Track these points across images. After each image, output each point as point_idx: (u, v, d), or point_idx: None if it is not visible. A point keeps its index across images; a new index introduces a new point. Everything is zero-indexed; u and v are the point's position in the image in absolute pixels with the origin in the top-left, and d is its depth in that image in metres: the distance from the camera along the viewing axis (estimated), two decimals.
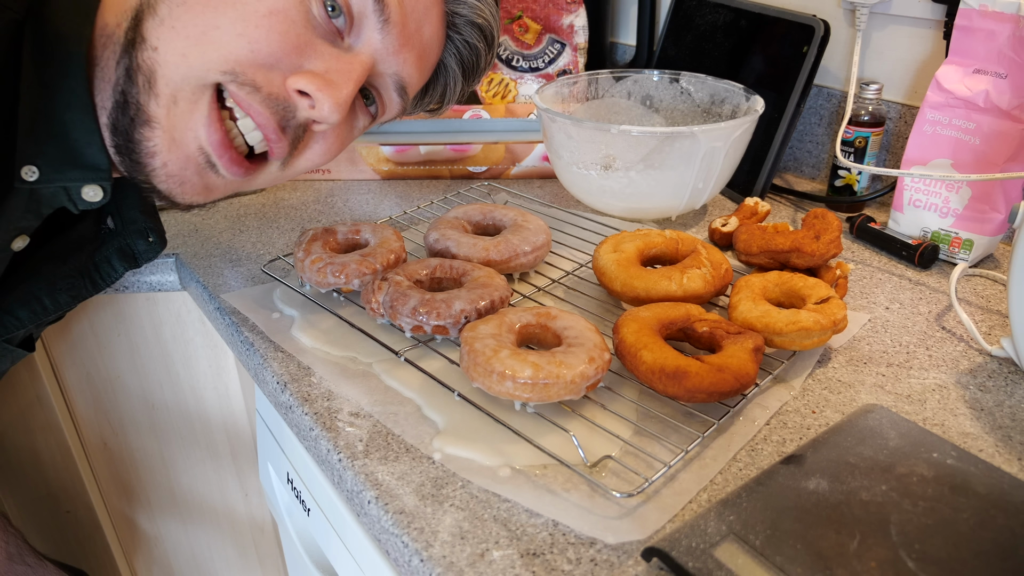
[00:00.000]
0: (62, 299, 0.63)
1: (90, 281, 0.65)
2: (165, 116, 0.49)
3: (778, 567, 0.40)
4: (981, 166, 0.74)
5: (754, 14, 0.96)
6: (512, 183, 1.00)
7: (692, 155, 0.78)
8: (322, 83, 0.51)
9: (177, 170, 0.51)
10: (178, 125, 0.50)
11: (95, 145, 0.51)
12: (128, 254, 0.66)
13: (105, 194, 0.54)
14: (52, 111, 0.49)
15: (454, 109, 1.00)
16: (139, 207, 0.65)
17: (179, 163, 0.51)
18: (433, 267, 0.67)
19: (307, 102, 0.51)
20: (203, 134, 0.50)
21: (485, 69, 0.64)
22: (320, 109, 0.51)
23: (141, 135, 0.49)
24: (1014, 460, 0.51)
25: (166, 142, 0.50)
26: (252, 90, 0.50)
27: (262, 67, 0.50)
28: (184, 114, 0.49)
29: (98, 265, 0.65)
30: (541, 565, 0.43)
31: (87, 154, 0.51)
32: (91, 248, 0.65)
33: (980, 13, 0.72)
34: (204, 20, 0.48)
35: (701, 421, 0.54)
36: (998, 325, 0.67)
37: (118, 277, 0.66)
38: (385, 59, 0.54)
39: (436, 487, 0.49)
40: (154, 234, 0.66)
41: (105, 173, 0.52)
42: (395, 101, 0.58)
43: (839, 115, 0.96)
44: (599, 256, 0.68)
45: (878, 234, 0.81)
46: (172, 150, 0.50)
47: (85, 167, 0.51)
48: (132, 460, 0.99)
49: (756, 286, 0.63)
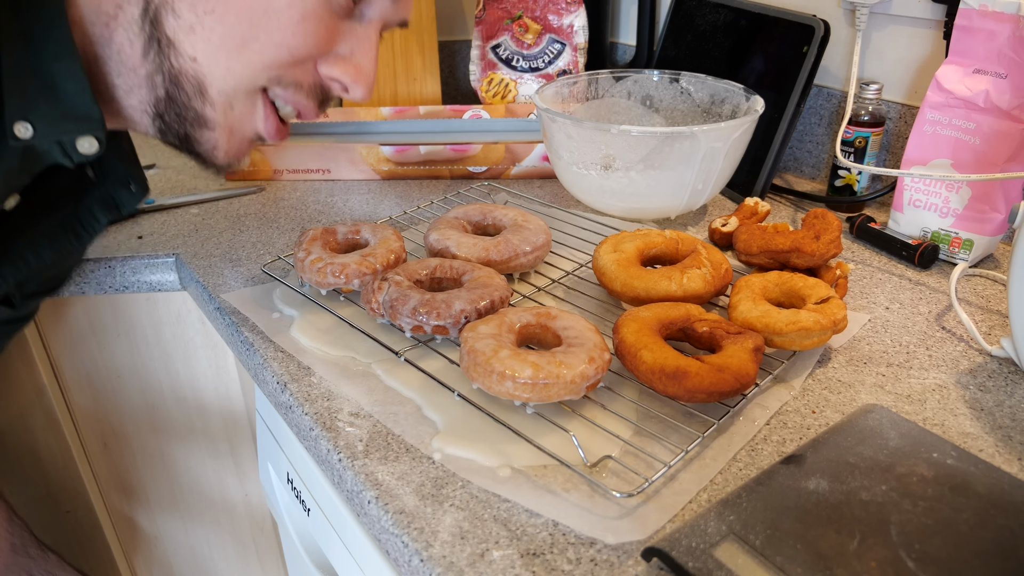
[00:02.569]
0: (44, 254, 0.62)
1: (73, 234, 0.64)
2: (223, 118, 0.53)
3: (778, 567, 0.40)
4: (981, 166, 0.74)
5: (754, 14, 0.96)
6: (512, 183, 1.00)
7: (692, 155, 0.78)
8: (355, 73, 0.55)
9: (234, 150, 0.56)
10: (236, 123, 0.54)
11: (86, 95, 0.49)
12: (110, 204, 0.65)
13: (101, 145, 0.53)
14: (38, 62, 0.48)
15: (453, 109, 1.01)
16: (118, 154, 0.64)
17: (236, 147, 0.56)
18: (433, 267, 0.67)
19: (339, 85, 0.55)
20: (260, 126, 0.55)
21: None
22: (355, 95, 0.56)
23: (200, 135, 0.53)
24: (1014, 460, 0.51)
25: (225, 136, 0.54)
26: (296, 89, 0.54)
27: (300, 66, 0.53)
28: (242, 115, 0.54)
29: (80, 217, 0.64)
30: (541, 565, 0.43)
31: (79, 104, 0.50)
32: (73, 200, 0.63)
33: (980, 13, 0.72)
34: (240, 32, 0.49)
35: (701, 421, 0.54)
36: (998, 325, 0.67)
37: (101, 228, 0.65)
38: (390, 14, 0.57)
39: (436, 487, 0.49)
40: (135, 182, 0.65)
41: (99, 123, 0.51)
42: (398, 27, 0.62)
43: (839, 115, 0.96)
44: (599, 256, 0.68)
45: (878, 234, 0.81)
46: (231, 140, 0.55)
47: (79, 119, 0.50)
48: (132, 460, 0.99)
49: (756, 286, 0.63)
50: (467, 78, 1.17)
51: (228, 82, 0.51)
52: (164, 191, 0.98)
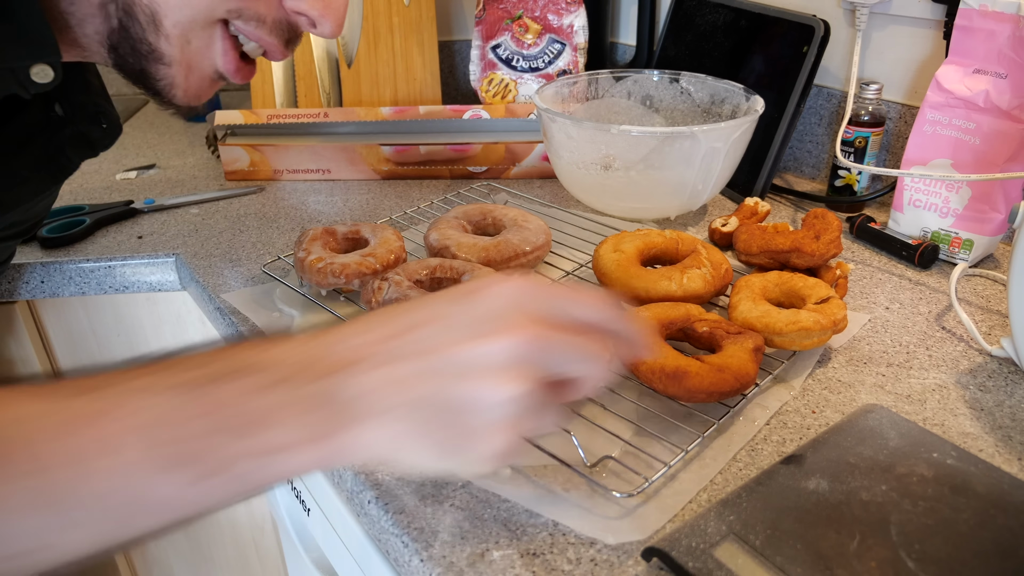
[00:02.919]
0: (22, 192, 0.60)
1: (47, 174, 0.62)
2: (180, 53, 0.50)
3: (778, 567, 0.40)
4: (981, 166, 0.74)
5: (754, 14, 0.96)
6: (512, 183, 1.00)
7: (692, 155, 0.78)
8: (322, 6, 0.52)
9: (193, 89, 0.54)
10: (194, 59, 0.51)
11: (36, 18, 0.48)
12: (82, 142, 0.63)
13: (56, 74, 0.51)
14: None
15: (453, 109, 1.01)
16: (86, 89, 0.62)
17: (196, 85, 0.53)
18: (433, 267, 0.67)
19: (307, 20, 0.53)
20: (219, 62, 0.53)
21: None
22: (322, 30, 0.53)
23: (156, 70, 0.51)
24: (1014, 460, 0.51)
25: (183, 73, 0.52)
26: (258, 23, 0.51)
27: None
28: (200, 50, 0.51)
29: (53, 156, 0.62)
30: (541, 565, 0.43)
31: (30, 28, 0.48)
32: (43, 139, 0.61)
33: (980, 13, 0.72)
34: None
35: (701, 421, 0.54)
36: (998, 325, 0.67)
37: (74, 168, 0.64)
38: None
39: (436, 487, 0.49)
40: (106, 119, 0.63)
41: (52, 48, 0.49)
42: None
43: (839, 115, 0.96)
44: (599, 256, 0.68)
45: (878, 234, 0.81)
46: (189, 78, 0.52)
47: (30, 44, 0.49)
48: None
49: (756, 286, 0.63)
50: (467, 78, 1.17)
51: (184, 13, 0.48)
52: (164, 191, 0.98)
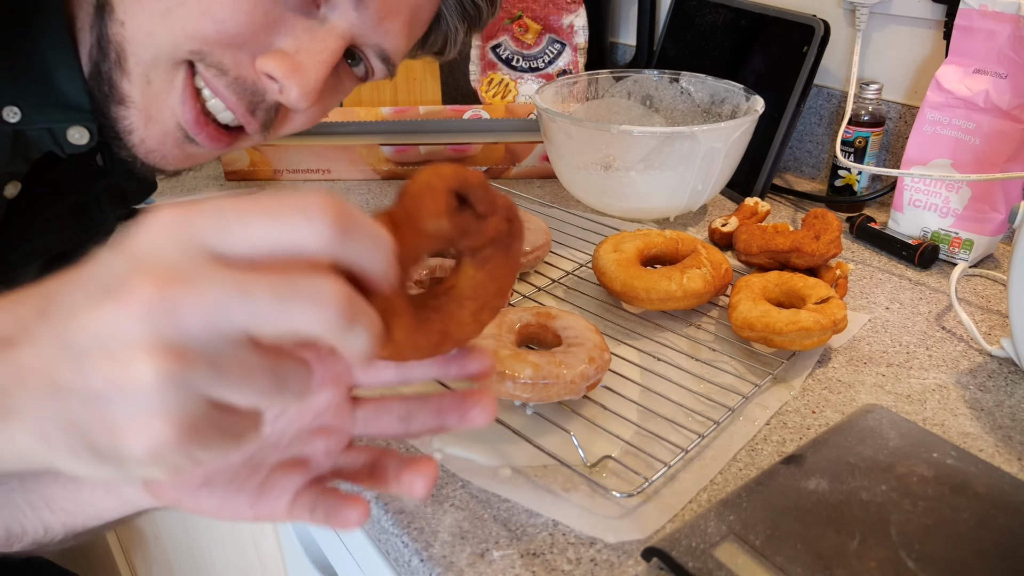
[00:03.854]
0: (52, 240, 0.60)
1: (79, 222, 0.62)
2: (140, 95, 0.48)
3: (778, 567, 0.40)
4: (981, 166, 0.74)
5: (754, 14, 0.96)
6: (512, 183, 1.00)
7: (692, 155, 0.78)
8: (289, 68, 0.47)
9: (156, 145, 0.50)
10: (154, 104, 0.49)
11: (76, 84, 0.49)
12: (117, 194, 0.62)
13: (92, 136, 0.51)
14: (34, 50, 0.47)
15: (453, 109, 1.01)
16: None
17: (157, 139, 0.50)
18: (433, 267, 0.67)
19: (276, 86, 0.49)
20: (179, 111, 0.49)
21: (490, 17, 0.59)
22: (288, 95, 0.49)
23: (117, 112, 0.49)
24: (1014, 460, 0.51)
25: (142, 120, 0.49)
26: (219, 72, 0.48)
27: (229, 47, 0.47)
28: (159, 93, 0.48)
29: (87, 206, 0.61)
30: (541, 565, 0.43)
31: (69, 94, 0.49)
32: (79, 189, 0.61)
33: (980, 13, 0.72)
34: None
35: (701, 421, 0.54)
36: (998, 325, 0.67)
37: (106, 219, 0.63)
38: (365, 32, 0.50)
39: (436, 487, 0.49)
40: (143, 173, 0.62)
41: (88, 114, 0.50)
42: (380, 68, 0.55)
43: (839, 115, 0.96)
44: (599, 256, 0.68)
45: (878, 234, 0.81)
46: (149, 127, 0.49)
47: (68, 108, 0.49)
48: None
49: (756, 286, 0.63)
50: (467, 78, 1.17)
51: (148, 50, 0.47)
52: (164, 191, 0.98)
